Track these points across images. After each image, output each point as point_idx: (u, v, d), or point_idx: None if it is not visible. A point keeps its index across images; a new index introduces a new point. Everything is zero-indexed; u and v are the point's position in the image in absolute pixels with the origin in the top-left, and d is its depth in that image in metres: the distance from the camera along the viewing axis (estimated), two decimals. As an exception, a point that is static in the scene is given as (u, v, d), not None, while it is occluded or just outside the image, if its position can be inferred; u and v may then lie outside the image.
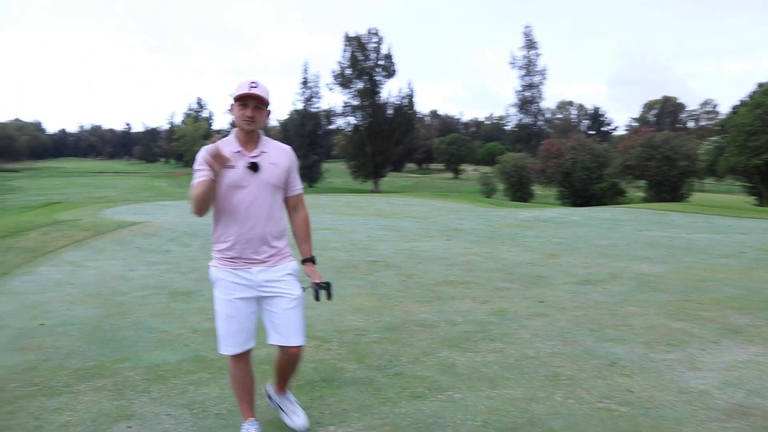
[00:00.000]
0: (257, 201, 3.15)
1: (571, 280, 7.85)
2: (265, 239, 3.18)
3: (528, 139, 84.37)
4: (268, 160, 3.19)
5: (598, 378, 4.34)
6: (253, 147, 3.19)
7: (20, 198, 49.51)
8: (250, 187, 3.13)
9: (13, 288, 7.37)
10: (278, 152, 3.27)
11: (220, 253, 3.21)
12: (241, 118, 3.12)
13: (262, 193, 3.16)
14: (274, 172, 3.20)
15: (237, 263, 3.17)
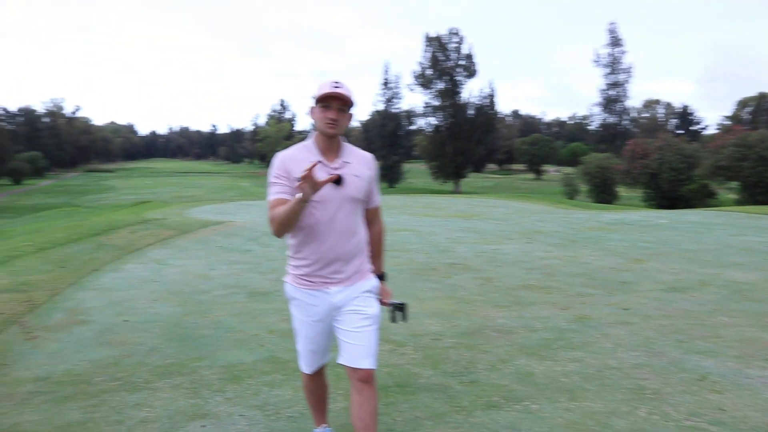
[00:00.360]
0: (339, 217, 2.86)
1: (657, 286, 7.50)
2: (346, 258, 2.91)
3: (612, 139, 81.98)
4: (352, 172, 2.89)
5: (685, 393, 4.09)
6: (334, 156, 2.89)
7: (114, 197, 51.96)
8: (331, 203, 2.83)
9: (103, 284, 7.68)
10: (361, 162, 2.97)
11: (296, 270, 2.96)
12: (323, 121, 2.82)
13: (344, 208, 2.87)
14: (358, 186, 2.91)
15: (314, 283, 2.91)
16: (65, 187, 76.56)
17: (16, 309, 6.31)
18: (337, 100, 2.81)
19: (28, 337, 5.38)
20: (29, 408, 3.85)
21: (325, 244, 2.85)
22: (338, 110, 2.82)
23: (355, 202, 2.91)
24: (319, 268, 2.89)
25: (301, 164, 2.75)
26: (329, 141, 2.86)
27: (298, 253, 2.93)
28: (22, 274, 8.09)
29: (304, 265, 2.91)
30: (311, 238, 2.86)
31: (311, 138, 2.93)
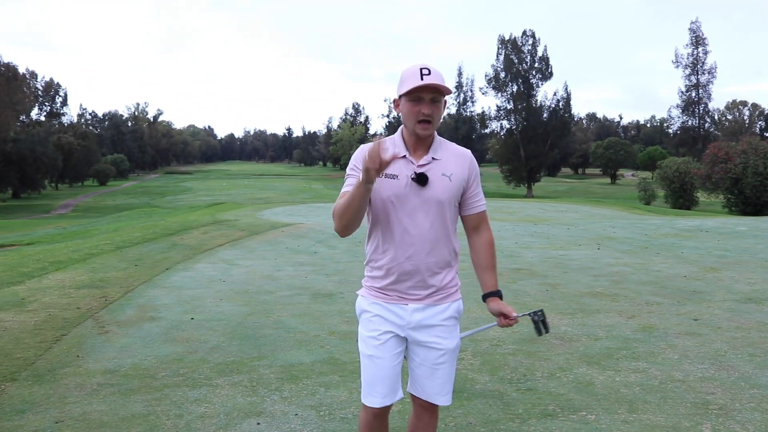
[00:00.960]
0: (421, 223, 2.43)
1: (731, 297, 7.19)
2: (428, 271, 2.47)
3: (693, 143, 79.05)
4: (441, 170, 2.47)
5: (755, 410, 3.91)
6: (423, 152, 2.48)
7: (191, 198, 53.66)
8: (413, 205, 2.42)
9: (173, 283, 7.95)
10: (454, 159, 2.52)
11: (372, 280, 2.55)
12: (413, 118, 2.39)
13: (428, 212, 2.44)
14: (447, 187, 2.47)
15: (390, 296, 2.49)
16: (146, 188, 79.67)
17: (92, 304, 6.62)
18: (430, 90, 2.36)
19: (101, 331, 5.64)
20: (98, 399, 4.03)
21: (402, 253, 2.44)
22: (431, 102, 2.38)
23: (443, 205, 2.46)
24: (395, 280, 2.47)
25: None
26: (416, 138, 2.46)
27: (373, 262, 2.54)
28: (100, 272, 8.47)
29: (379, 276, 2.51)
30: (389, 244, 2.46)
31: (398, 132, 2.54)
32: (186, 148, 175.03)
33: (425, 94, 2.36)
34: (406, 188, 2.42)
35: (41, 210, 55.54)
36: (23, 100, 64.68)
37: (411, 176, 2.41)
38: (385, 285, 2.49)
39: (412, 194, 2.42)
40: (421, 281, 2.47)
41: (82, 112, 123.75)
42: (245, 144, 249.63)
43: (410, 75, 2.37)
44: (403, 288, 2.47)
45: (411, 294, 2.48)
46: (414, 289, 2.48)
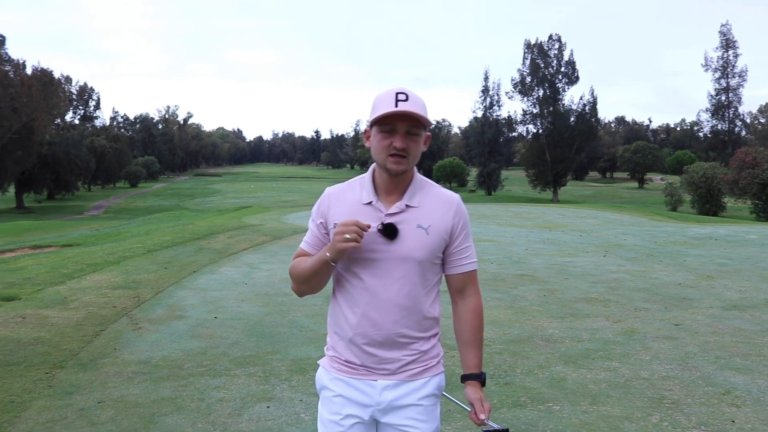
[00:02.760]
0: (390, 285, 2.06)
1: (717, 304, 7.66)
2: (400, 341, 2.09)
3: (723, 147, 78.27)
4: (416, 221, 2.08)
5: (703, 405, 4.44)
6: (396, 197, 2.09)
7: (219, 200, 54.76)
8: (381, 262, 2.05)
9: (199, 284, 8.66)
10: (436, 207, 2.12)
11: (334, 350, 2.17)
12: (384, 152, 2.02)
13: (399, 272, 2.06)
14: (423, 242, 2.07)
15: (356, 370, 2.10)
16: (175, 190, 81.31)
17: (127, 303, 7.35)
18: (405, 120, 2.00)
19: (134, 327, 6.34)
20: (133, 384, 4.73)
21: (369, 319, 2.06)
22: (407, 135, 2.01)
23: (416, 264, 2.07)
24: (361, 350, 2.09)
25: (345, 207, 2.09)
26: (393, 177, 2.07)
27: (337, 325, 2.16)
28: (133, 274, 9.22)
29: (342, 345, 2.14)
30: (354, 307, 2.09)
31: (369, 171, 2.17)
32: (215, 151, 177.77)
33: (399, 125, 2.00)
34: (372, 243, 2.03)
35: (75, 211, 57.21)
36: (58, 104, 66.49)
37: (377, 227, 2.03)
38: (350, 356, 2.11)
39: (379, 250, 2.05)
40: (393, 351, 2.09)
41: (114, 116, 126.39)
42: (273, 146, 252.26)
43: (383, 100, 2.02)
44: (370, 361, 2.09)
45: (381, 368, 2.09)
46: (383, 363, 2.09)
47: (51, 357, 5.33)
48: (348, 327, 2.10)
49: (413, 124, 2.02)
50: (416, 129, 2.03)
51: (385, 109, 2.00)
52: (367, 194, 2.11)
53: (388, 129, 2.02)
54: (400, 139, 2.01)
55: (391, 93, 2.03)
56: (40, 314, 6.73)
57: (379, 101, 2.04)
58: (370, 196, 2.10)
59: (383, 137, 2.03)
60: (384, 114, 1.99)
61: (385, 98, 2.02)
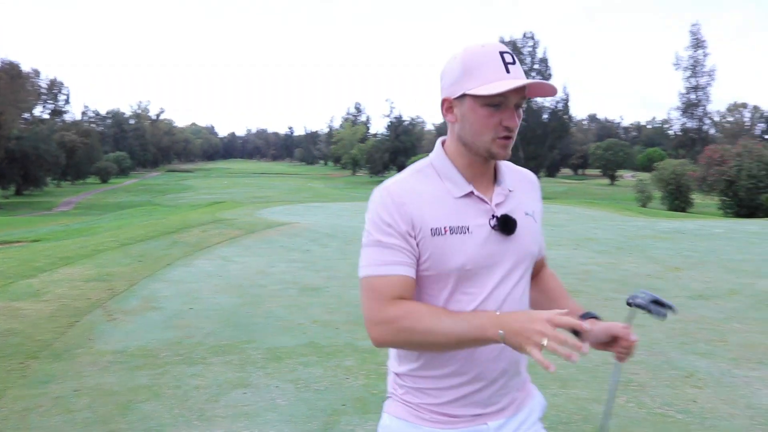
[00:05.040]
0: (510, 293, 1.62)
1: (684, 293, 7.87)
2: (518, 365, 1.69)
3: (692, 145, 79.76)
4: (522, 207, 1.69)
5: (668, 387, 4.59)
6: (487, 181, 1.66)
7: (192, 196, 54.36)
8: (496, 267, 1.60)
9: (174, 277, 8.66)
10: (525, 187, 1.76)
11: (421, 396, 1.63)
12: (489, 133, 1.55)
13: (518, 274, 1.64)
14: (535, 231, 1.71)
15: (461, 418, 1.62)
16: (147, 186, 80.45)
17: (100, 295, 7.33)
18: (518, 91, 1.53)
19: (109, 318, 6.35)
20: (108, 373, 4.76)
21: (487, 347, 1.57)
22: (517, 109, 1.56)
23: (532, 261, 1.71)
24: (474, 390, 1.60)
25: (438, 206, 1.57)
26: (482, 162, 1.63)
27: (426, 369, 1.62)
28: (106, 266, 9.18)
29: (443, 387, 1.61)
30: None
31: (439, 152, 1.66)
32: (188, 146, 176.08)
33: (511, 97, 1.53)
34: (487, 245, 1.58)
35: (44, 207, 56.34)
36: (26, 98, 65.47)
37: (491, 223, 1.59)
38: (452, 400, 1.61)
39: (494, 252, 1.59)
40: (509, 383, 1.66)
41: (85, 110, 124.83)
42: (247, 142, 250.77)
43: (486, 64, 1.52)
44: (483, 398, 1.62)
45: (494, 405, 1.64)
46: (498, 397, 1.64)
47: (24, 347, 5.32)
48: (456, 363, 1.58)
49: (523, 95, 1.55)
50: (523, 101, 1.56)
51: (497, 77, 1.50)
52: (456, 185, 1.60)
53: (498, 104, 1.52)
54: (511, 117, 1.54)
55: (495, 53, 1.52)
56: (11, 306, 6.69)
57: (479, 64, 1.52)
58: (464, 186, 1.60)
59: (489, 113, 1.53)
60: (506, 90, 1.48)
61: (489, 60, 1.52)
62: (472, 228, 1.56)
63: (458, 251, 1.53)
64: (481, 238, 1.56)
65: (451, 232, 1.54)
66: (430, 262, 1.55)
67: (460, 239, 1.54)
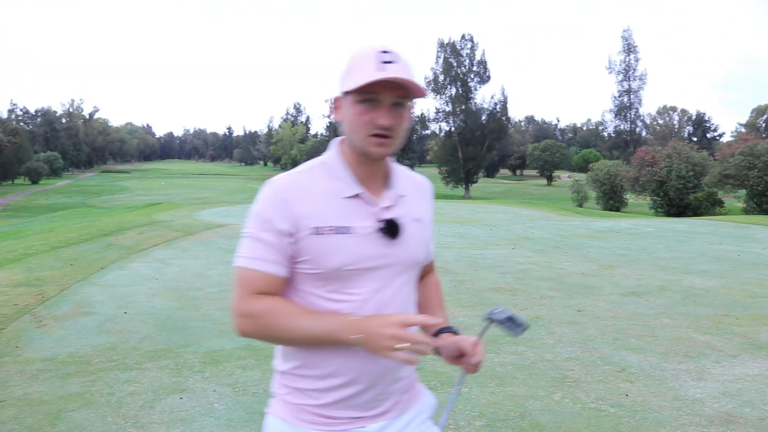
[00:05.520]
0: (392, 299, 1.62)
1: (617, 291, 8.11)
2: (398, 369, 1.66)
3: (625, 146, 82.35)
4: (411, 213, 1.69)
5: (601, 382, 4.72)
6: (380, 185, 1.66)
7: (127, 198, 52.96)
8: (379, 271, 1.60)
9: (108, 281, 8.41)
10: (417, 193, 1.77)
11: (302, 395, 1.63)
12: (363, 131, 1.55)
13: (401, 280, 1.65)
14: (423, 238, 1.72)
15: (339, 420, 1.62)
16: (81, 187, 77.97)
17: (29, 301, 7.06)
18: (393, 89, 1.53)
19: (38, 325, 6.12)
20: (37, 382, 4.58)
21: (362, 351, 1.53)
22: (393, 108, 1.55)
23: (417, 267, 1.71)
24: (352, 394, 1.60)
25: (322, 204, 1.57)
26: (370, 162, 1.62)
27: (305, 368, 1.62)
28: (36, 271, 8.85)
29: (322, 389, 1.60)
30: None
31: (334, 151, 1.66)
32: (123, 147, 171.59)
33: (385, 95, 1.52)
34: (370, 247, 1.58)
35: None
36: (-50, 95, 62.42)
37: (377, 226, 1.59)
38: (330, 402, 1.60)
39: (377, 256, 1.59)
40: (390, 387, 1.65)
41: (12, 108, 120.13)
42: (185, 143, 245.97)
43: (362, 61, 1.54)
44: (363, 402, 1.61)
45: (374, 409, 1.63)
46: (379, 402, 1.63)
47: (-54, 356, 5.08)
48: (334, 365, 1.57)
49: (402, 94, 1.54)
50: (405, 99, 1.56)
51: (366, 73, 1.50)
52: (346, 184, 1.59)
53: (370, 100, 1.53)
54: (386, 115, 1.52)
55: (373, 52, 1.53)
56: (-67, 314, 6.38)
57: (356, 62, 1.55)
58: (352, 186, 1.59)
59: (362, 110, 1.53)
60: (369, 81, 1.49)
61: (366, 58, 1.53)
62: (355, 229, 1.56)
63: (339, 251, 1.54)
64: (364, 240, 1.57)
65: (333, 232, 1.54)
66: (312, 260, 1.56)
67: (342, 239, 1.55)
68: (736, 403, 4.33)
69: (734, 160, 40.63)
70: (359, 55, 1.56)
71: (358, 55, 1.56)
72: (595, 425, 3.93)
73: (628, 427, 3.92)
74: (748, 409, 4.22)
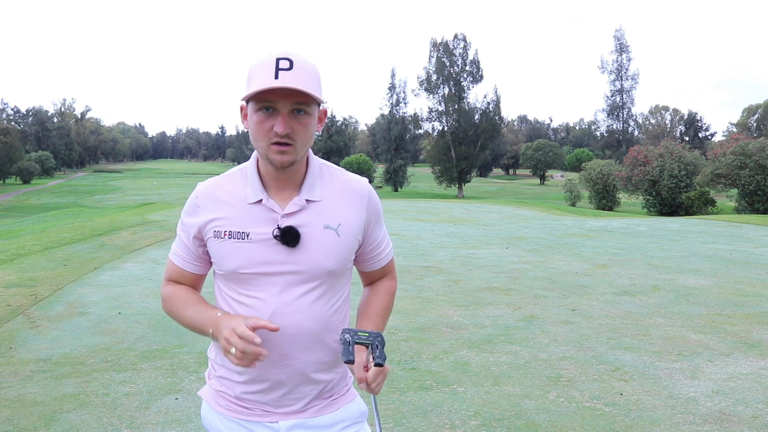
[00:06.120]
0: (294, 305, 1.65)
1: (610, 290, 8.14)
2: (309, 375, 1.70)
3: (618, 145, 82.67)
4: (322, 220, 1.67)
5: (595, 381, 4.74)
6: (291, 191, 1.67)
7: (120, 197, 52.78)
8: (280, 277, 1.64)
9: (101, 281, 8.38)
10: (343, 198, 1.72)
11: (222, 383, 1.75)
12: (263, 139, 1.58)
13: (305, 287, 1.66)
14: (334, 245, 1.68)
15: (250, 410, 1.72)
16: (73, 187, 77.64)
17: (22, 301, 7.03)
18: (289, 96, 1.54)
19: (32, 325, 6.09)
20: (31, 383, 4.56)
21: (269, 349, 1.59)
22: (292, 115, 1.56)
23: (327, 275, 1.68)
24: (260, 390, 1.69)
25: (226, 209, 1.65)
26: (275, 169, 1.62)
27: (225, 359, 1.70)
28: (29, 271, 8.81)
29: (234, 381, 1.71)
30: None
31: (252, 159, 1.72)
32: (115, 146, 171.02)
33: (281, 102, 1.54)
34: (265, 253, 1.62)
35: (-39, 209, 53.59)
36: (-59, 95, 62.06)
37: (273, 233, 1.61)
38: (242, 394, 1.70)
39: (277, 261, 1.62)
40: (299, 387, 1.70)
41: (3, 107, 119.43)
42: (177, 142, 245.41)
43: (260, 69, 1.55)
44: (270, 399, 1.70)
45: (283, 407, 1.71)
46: (287, 401, 1.71)
47: (-60, 358, 5.05)
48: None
49: (301, 101, 1.55)
50: (305, 106, 1.56)
51: (260, 81, 1.52)
52: (253, 190, 1.65)
53: (267, 107, 1.55)
54: (282, 123, 1.54)
55: (270, 60, 1.53)
56: (-75, 314, 6.34)
57: (255, 70, 1.56)
58: (257, 192, 1.64)
59: (261, 118, 1.56)
60: (260, 89, 1.51)
61: (262, 67, 1.54)
62: (252, 235, 1.62)
63: (234, 256, 1.63)
64: (259, 245, 1.62)
65: (229, 237, 1.63)
66: (215, 261, 1.70)
67: (238, 245, 1.63)
68: (729, 401, 4.35)
69: (726, 159, 40.82)
70: (258, 62, 1.57)
71: (257, 63, 1.58)
72: (590, 424, 3.95)
73: (622, 425, 3.93)
74: (741, 407, 4.25)
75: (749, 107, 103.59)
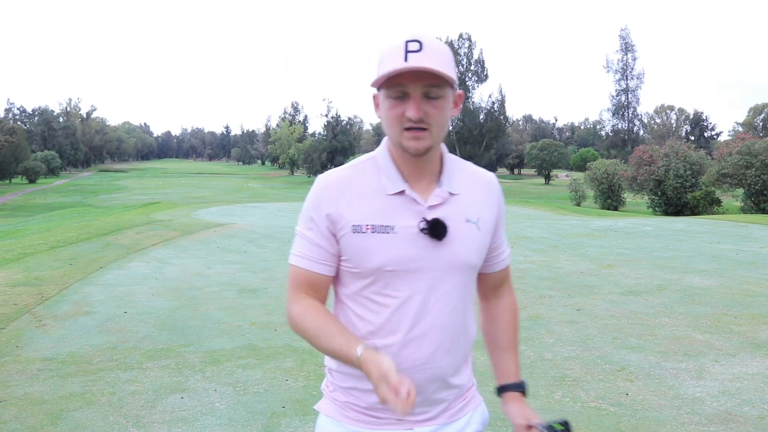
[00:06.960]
0: (437, 302, 1.54)
1: (616, 290, 8.12)
2: (448, 376, 1.60)
3: (623, 145, 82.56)
4: (464, 213, 1.58)
5: (601, 381, 4.74)
6: (429, 182, 1.57)
7: (125, 197, 52.93)
8: (424, 273, 1.52)
9: (107, 280, 8.42)
10: (478, 192, 1.64)
11: (348, 393, 1.61)
12: (396, 125, 1.49)
13: (449, 284, 1.56)
14: (476, 240, 1.59)
15: (383, 420, 1.59)
16: (78, 186, 77.93)
17: (29, 300, 7.06)
18: (421, 79, 1.44)
19: (38, 324, 6.12)
20: (38, 381, 4.58)
21: (411, 354, 1.53)
22: (425, 99, 1.46)
23: (469, 271, 1.60)
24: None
25: (365, 201, 1.53)
26: (411, 158, 1.53)
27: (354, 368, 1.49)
28: (35, 270, 8.85)
29: (367, 390, 1.53)
30: (383, 340, 1.54)
31: (382, 146, 1.61)
32: (121, 146, 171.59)
33: (413, 86, 1.44)
34: (412, 248, 1.51)
35: (-33, 208, 53.81)
36: (-52, 95, 62.31)
37: (420, 226, 1.51)
38: (375, 403, 1.55)
39: (421, 257, 1.52)
40: (438, 392, 1.59)
41: (9, 107, 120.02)
42: (182, 142, 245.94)
43: (389, 54, 1.46)
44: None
45: (421, 414, 1.59)
46: (427, 406, 1.59)
47: (-53, 356, 5.08)
48: None
49: (433, 83, 1.44)
50: (437, 89, 1.45)
51: (391, 65, 1.43)
52: (391, 181, 1.53)
53: (399, 93, 1.46)
54: (414, 107, 1.44)
55: (399, 43, 1.44)
56: (-68, 313, 6.38)
57: (384, 56, 1.47)
58: (397, 183, 1.53)
59: (393, 104, 1.47)
60: (389, 72, 1.42)
61: (391, 51, 1.45)
62: (397, 228, 1.50)
63: (378, 251, 1.49)
64: (406, 240, 1.50)
65: (372, 231, 1.49)
66: (351, 259, 1.53)
67: (382, 239, 1.49)
68: (735, 401, 4.34)
69: (732, 159, 40.69)
70: (388, 47, 1.47)
71: (386, 48, 1.48)
72: (596, 424, 3.94)
73: (628, 425, 3.93)
74: (748, 407, 4.24)
75: (755, 107, 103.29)
